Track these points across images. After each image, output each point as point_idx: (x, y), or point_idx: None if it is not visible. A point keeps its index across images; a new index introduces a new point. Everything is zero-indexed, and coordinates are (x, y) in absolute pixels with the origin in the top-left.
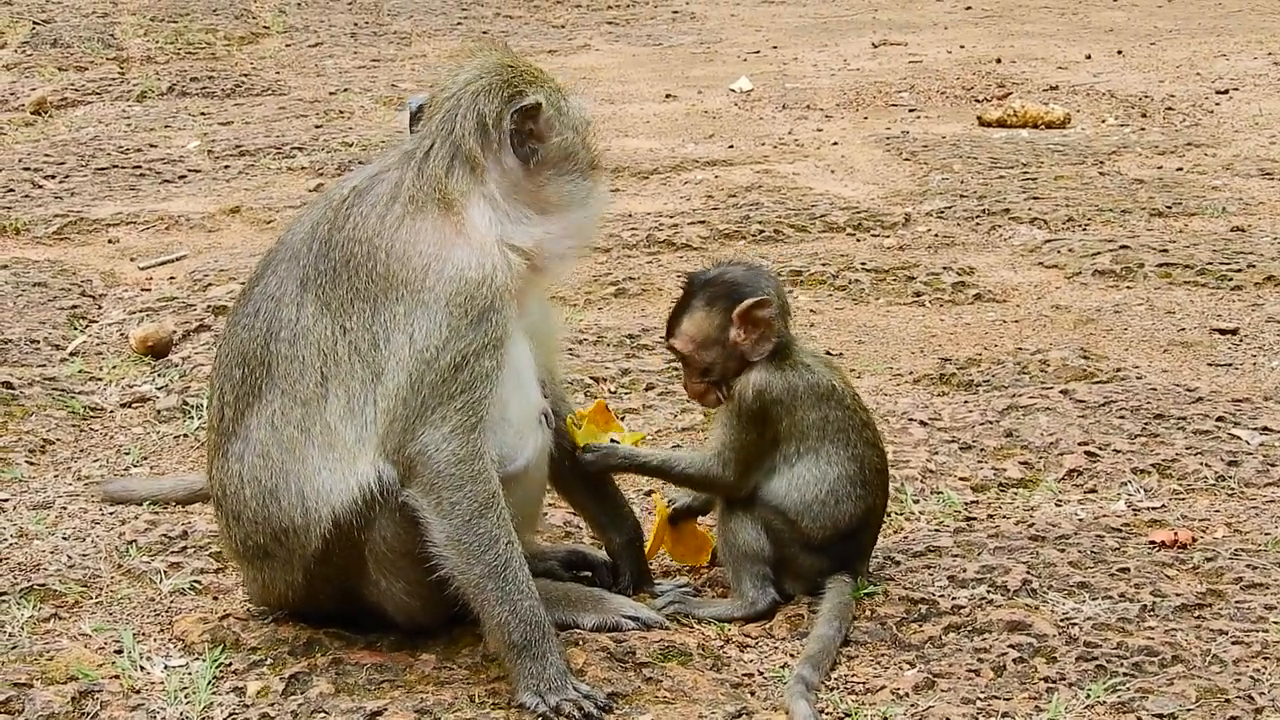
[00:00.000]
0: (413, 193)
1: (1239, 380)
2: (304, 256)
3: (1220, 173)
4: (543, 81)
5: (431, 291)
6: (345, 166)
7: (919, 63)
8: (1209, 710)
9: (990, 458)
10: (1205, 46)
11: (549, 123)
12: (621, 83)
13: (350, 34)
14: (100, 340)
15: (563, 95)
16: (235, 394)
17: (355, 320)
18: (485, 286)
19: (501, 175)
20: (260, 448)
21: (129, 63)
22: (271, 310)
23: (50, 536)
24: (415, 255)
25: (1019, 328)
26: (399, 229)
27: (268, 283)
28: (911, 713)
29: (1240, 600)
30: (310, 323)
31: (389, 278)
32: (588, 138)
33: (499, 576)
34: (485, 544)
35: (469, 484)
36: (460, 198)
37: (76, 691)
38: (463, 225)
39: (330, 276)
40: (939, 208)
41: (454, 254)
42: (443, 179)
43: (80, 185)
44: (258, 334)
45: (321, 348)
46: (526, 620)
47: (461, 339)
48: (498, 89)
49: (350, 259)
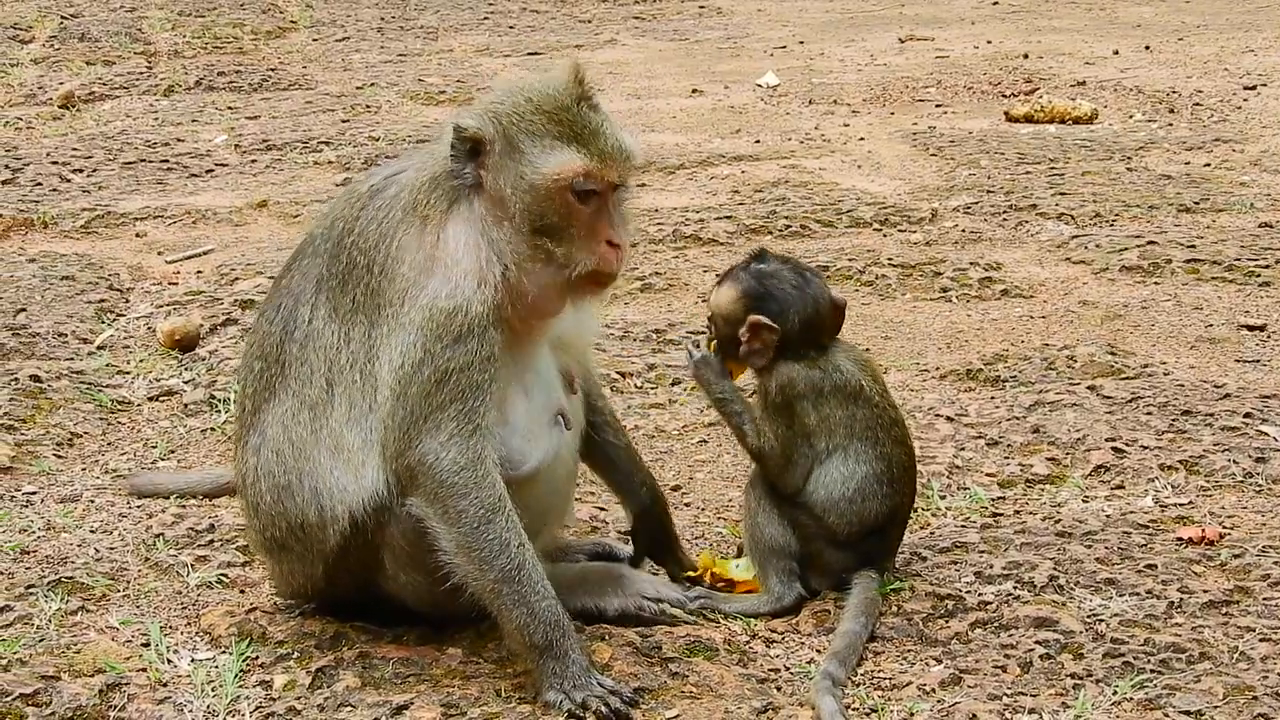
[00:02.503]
0: (413, 202)
1: (1267, 376)
2: (322, 255)
3: (1248, 168)
4: (525, 115)
5: (408, 316)
6: (371, 161)
7: (946, 58)
8: (1236, 707)
9: (1017, 453)
10: (1233, 42)
11: (492, 162)
12: (648, 78)
13: (377, 28)
14: (128, 334)
15: (534, 141)
16: (254, 388)
17: (356, 331)
18: (460, 315)
19: (487, 195)
20: (274, 444)
21: (156, 57)
22: (290, 308)
23: (78, 530)
24: (399, 277)
25: (1046, 323)
26: (392, 243)
27: (292, 276)
28: (938, 709)
29: (1268, 597)
30: (320, 326)
31: (380, 294)
32: (537, 199)
33: (513, 580)
34: (496, 549)
35: (473, 490)
36: (444, 215)
37: (104, 684)
38: (443, 246)
39: (339, 282)
40: (966, 203)
41: (430, 281)
42: (436, 192)
43: (108, 179)
44: (275, 331)
45: (328, 354)
46: (545, 620)
47: (440, 358)
48: (486, 104)
49: (354, 268)
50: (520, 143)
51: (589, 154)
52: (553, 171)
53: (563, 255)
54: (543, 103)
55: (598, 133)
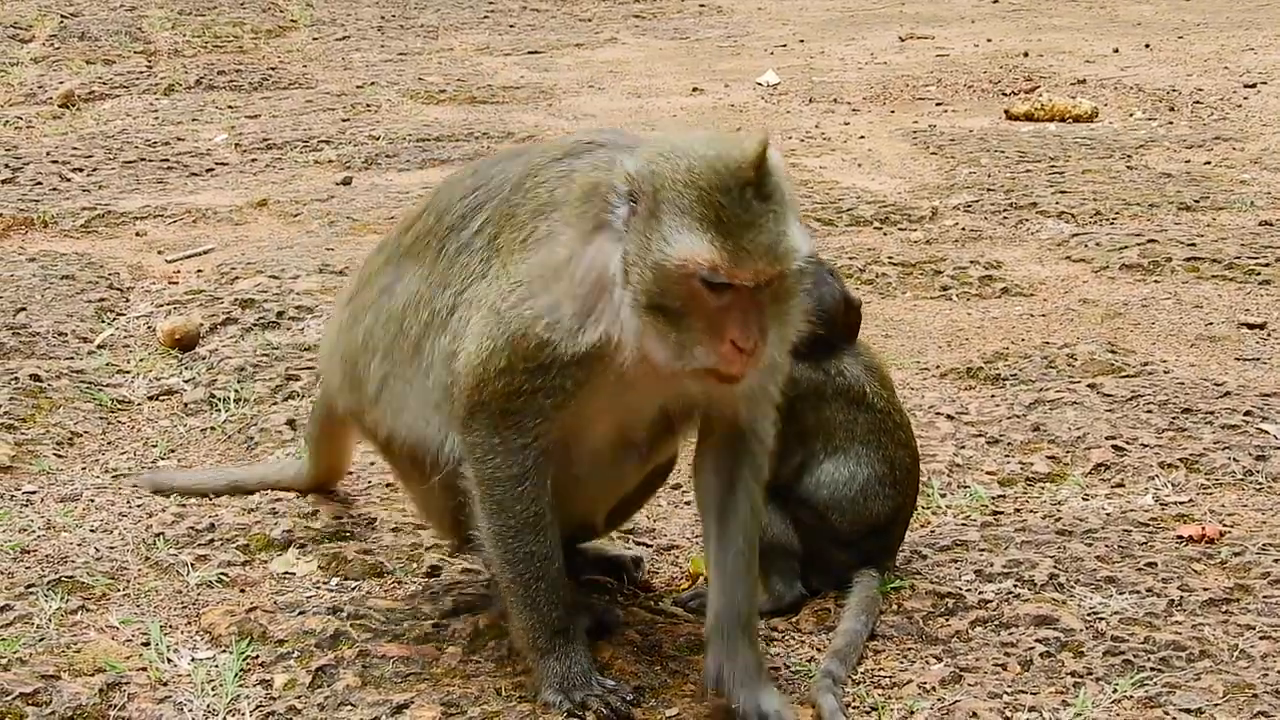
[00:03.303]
0: (581, 198)
1: (1267, 375)
2: (504, 188)
3: (1248, 167)
4: (679, 184)
5: (506, 314)
6: (372, 160)
7: (946, 56)
8: (1236, 705)
9: (1017, 452)
10: (1233, 40)
11: (635, 221)
12: (648, 76)
13: (377, 27)
14: (128, 333)
15: (675, 217)
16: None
17: (457, 272)
18: (550, 349)
19: (625, 247)
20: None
21: (156, 56)
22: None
23: (78, 529)
24: (524, 262)
25: (1046, 322)
26: (545, 220)
27: (494, 171)
28: (938, 707)
29: (1268, 595)
30: (462, 253)
31: (500, 254)
32: (659, 278)
33: (529, 586)
34: (521, 557)
35: (513, 502)
36: (589, 235)
37: (104, 683)
38: (573, 267)
39: (492, 226)
40: (966, 201)
41: (544, 297)
42: (593, 205)
43: (108, 178)
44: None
45: (443, 285)
46: (553, 628)
47: (520, 376)
48: (655, 152)
49: (506, 207)
50: (662, 212)
51: (724, 248)
52: (678, 256)
53: (679, 342)
54: (702, 176)
55: (750, 226)
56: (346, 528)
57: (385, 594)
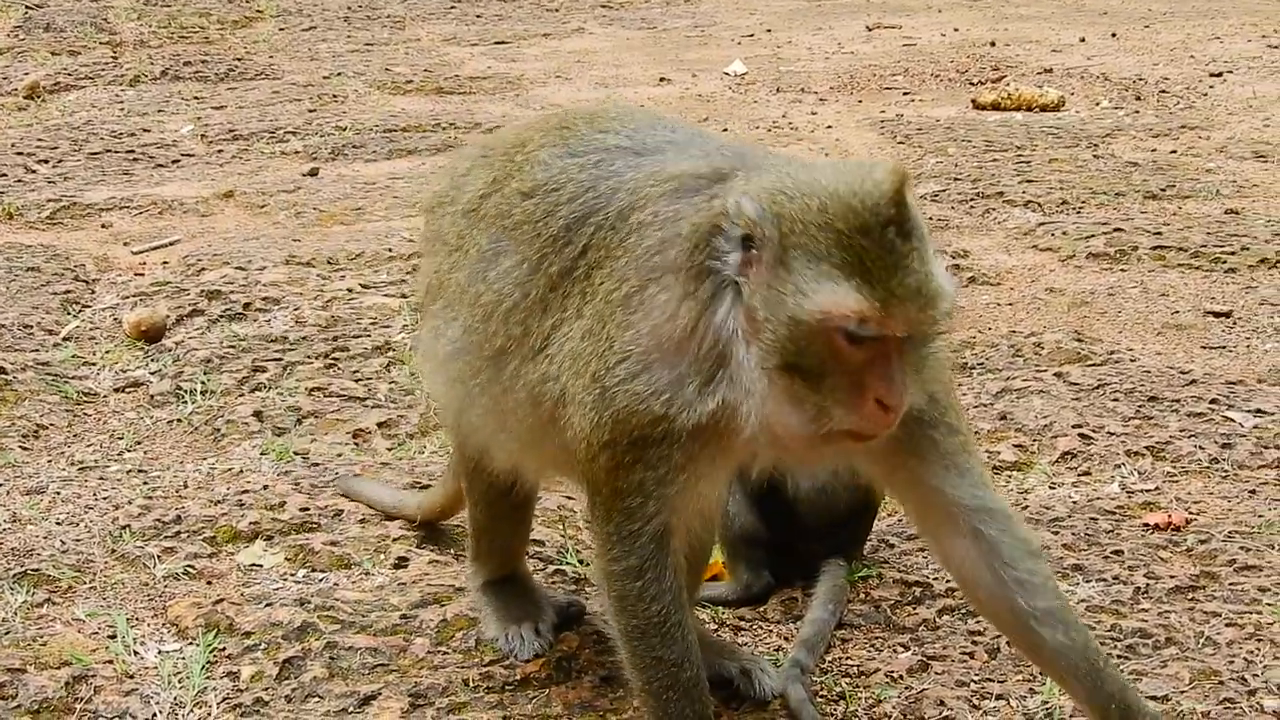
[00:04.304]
0: (686, 263)
1: (1232, 362)
2: (610, 207)
3: (1214, 155)
4: (811, 225)
5: (611, 386)
6: (339, 151)
7: (913, 46)
8: (1203, 692)
9: (984, 440)
10: (1199, 29)
11: (757, 270)
12: (616, 66)
13: (344, 18)
14: (94, 325)
15: (811, 263)
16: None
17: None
18: (665, 424)
19: (743, 301)
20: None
21: (122, 47)
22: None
23: (43, 521)
24: (631, 326)
25: (1013, 310)
26: (646, 291)
27: (608, 173)
28: (906, 695)
29: (1234, 582)
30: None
31: (599, 313)
32: (796, 334)
33: (659, 696)
34: (648, 663)
35: (632, 602)
36: (707, 301)
37: (70, 677)
38: (694, 338)
39: (592, 255)
40: (933, 191)
41: (660, 370)
42: (700, 258)
43: (73, 170)
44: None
45: (543, 306)
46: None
47: (619, 449)
48: (774, 189)
49: (596, 268)
50: (793, 259)
51: (874, 295)
52: (820, 308)
53: (815, 405)
54: (838, 215)
55: (896, 269)
56: (313, 519)
57: (353, 585)
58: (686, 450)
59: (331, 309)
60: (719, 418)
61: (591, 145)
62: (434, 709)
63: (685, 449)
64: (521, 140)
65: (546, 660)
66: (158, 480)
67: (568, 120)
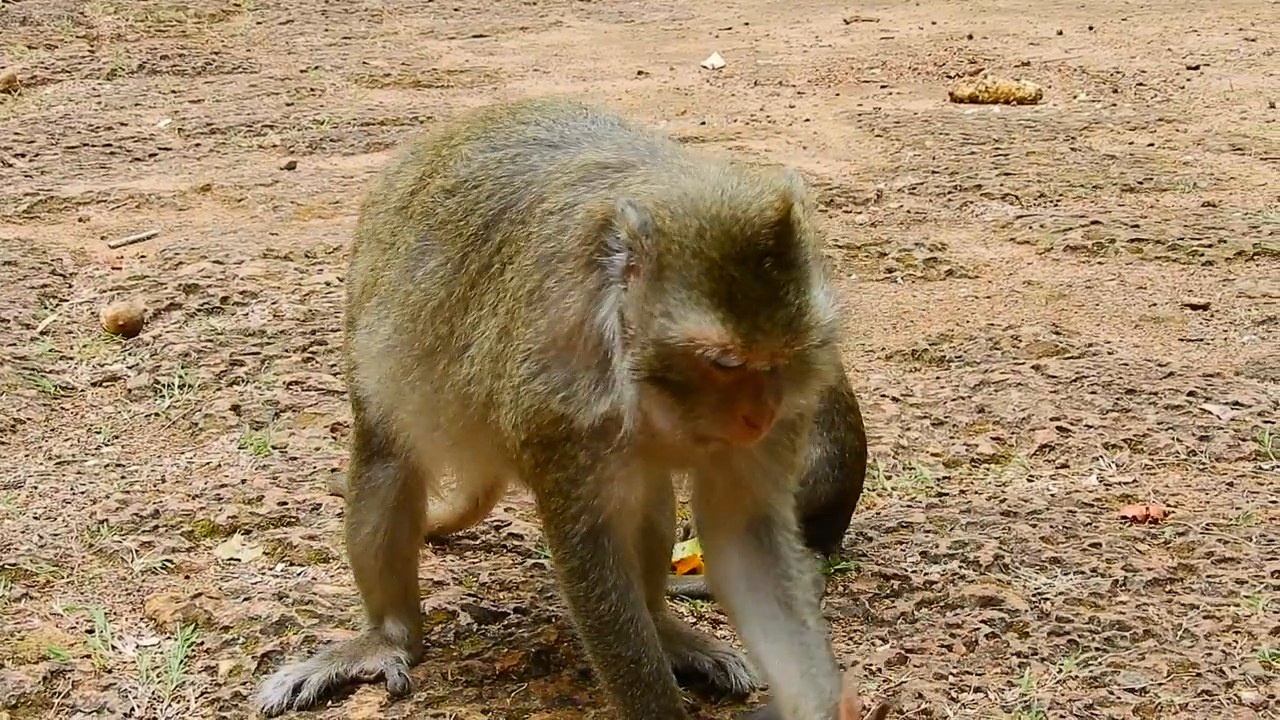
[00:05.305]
0: (583, 248)
1: (1210, 355)
2: (520, 203)
3: (1191, 148)
4: (688, 247)
5: (521, 397)
6: (316, 144)
7: (891, 39)
8: (1180, 684)
9: (962, 433)
10: (1176, 22)
11: (634, 280)
12: (594, 60)
13: (321, 11)
14: (71, 319)
15: (682, 287)
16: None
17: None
18: (565, 423)
19: (624, 304)
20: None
21: (99, 40)
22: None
23: (21, 516)
24: (532, 323)
25: (991, 303)
26: (549, 279)
27: (522, 168)
28: (884, 688)
29: (1211, 575)
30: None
31: (504, 304)
32: (662, 353)
33: (623, 693)
34: (608, 661)
35: (585, 600)
36: (596, 293)
37: (48, 671)
38: (583, 333)
39: (505, 251)
40: (911, 184)
41: (557, 370)
42: (594, 250)
43: (50, 164)
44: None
45: (464, 305)
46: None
47: (533, 448)
48: (664, 199)
49: (507, 264)
50: (666, 279)
51: (738, 329)
52: (684, 335)
53: (682, 415)
54: (714, 242)
55: (768, 302)
56: (291, 513)
57: (331, 579)
58: (590, 450)
59: (309, 302)
60: (612, 418)
61: (512, 138)
62: (412, 703)
63: (589, 449)
64: (449, 134)
65: (525, 654)
66: (135, 474)
67: (493, 112)
